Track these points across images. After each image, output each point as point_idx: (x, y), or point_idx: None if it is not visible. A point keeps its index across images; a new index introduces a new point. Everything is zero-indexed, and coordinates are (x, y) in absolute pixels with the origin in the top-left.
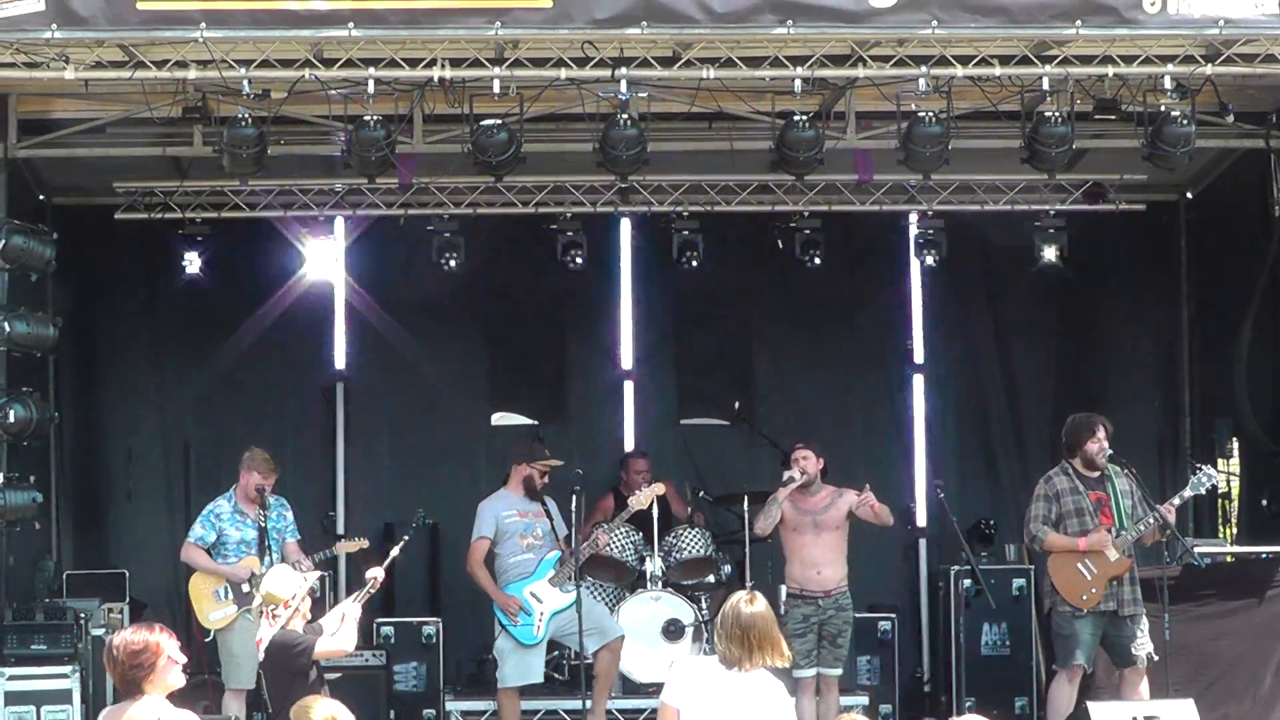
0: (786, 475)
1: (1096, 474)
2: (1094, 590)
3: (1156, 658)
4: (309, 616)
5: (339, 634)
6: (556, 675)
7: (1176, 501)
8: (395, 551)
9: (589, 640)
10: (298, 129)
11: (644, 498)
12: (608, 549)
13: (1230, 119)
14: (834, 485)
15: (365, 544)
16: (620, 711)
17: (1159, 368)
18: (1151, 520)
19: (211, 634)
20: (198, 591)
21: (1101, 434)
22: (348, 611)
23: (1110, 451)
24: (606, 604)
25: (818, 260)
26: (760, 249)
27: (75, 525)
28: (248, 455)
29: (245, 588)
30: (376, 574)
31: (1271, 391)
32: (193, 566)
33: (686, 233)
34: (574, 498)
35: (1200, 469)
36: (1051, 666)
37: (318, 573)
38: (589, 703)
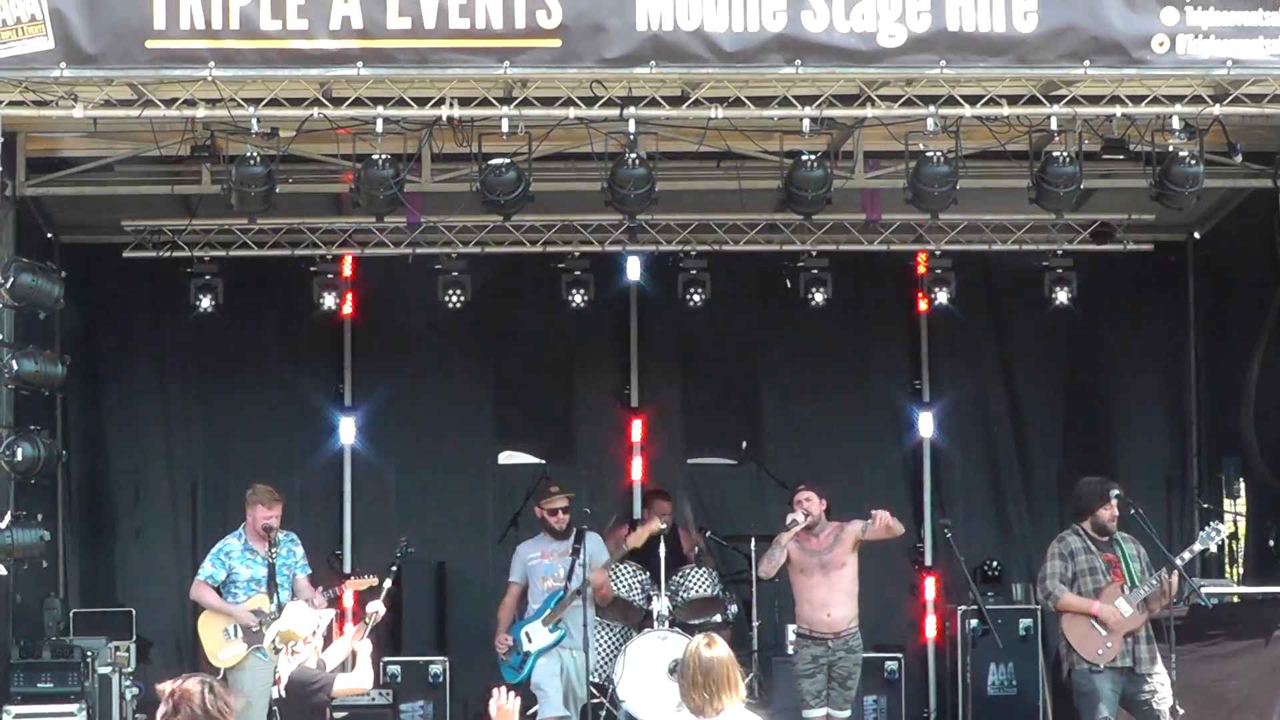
0: (790, 519)
1: (1106, 538)
2: (1109, 645)
3: (1182, 711)
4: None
5: (357, 671)
6: None
7: (1187, 556)
8: (388, 584)
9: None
10: (306, 167)
11: (636, 538)
12: (615, 589)
13: (1238, 159)
14: (837, 521)
15: (375, 581)
16: None
17: (1167, 406)
18: (1155, 582)
19: (222, 673)
20: (208, 630)
21: (1116, 504)
22: (359, 648)
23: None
24: (614, 644)
25: (825, 299)
26: (768, 288)
27: (82, 563)
28: (250, 492)
29: (255, 626)
30: (377, 607)
31: (1278, 431)
32: (202, 605)
33: (694, 271)
34: (579, 546)
35: (1210, 523)
36: None
37: (332, 610)
38: None
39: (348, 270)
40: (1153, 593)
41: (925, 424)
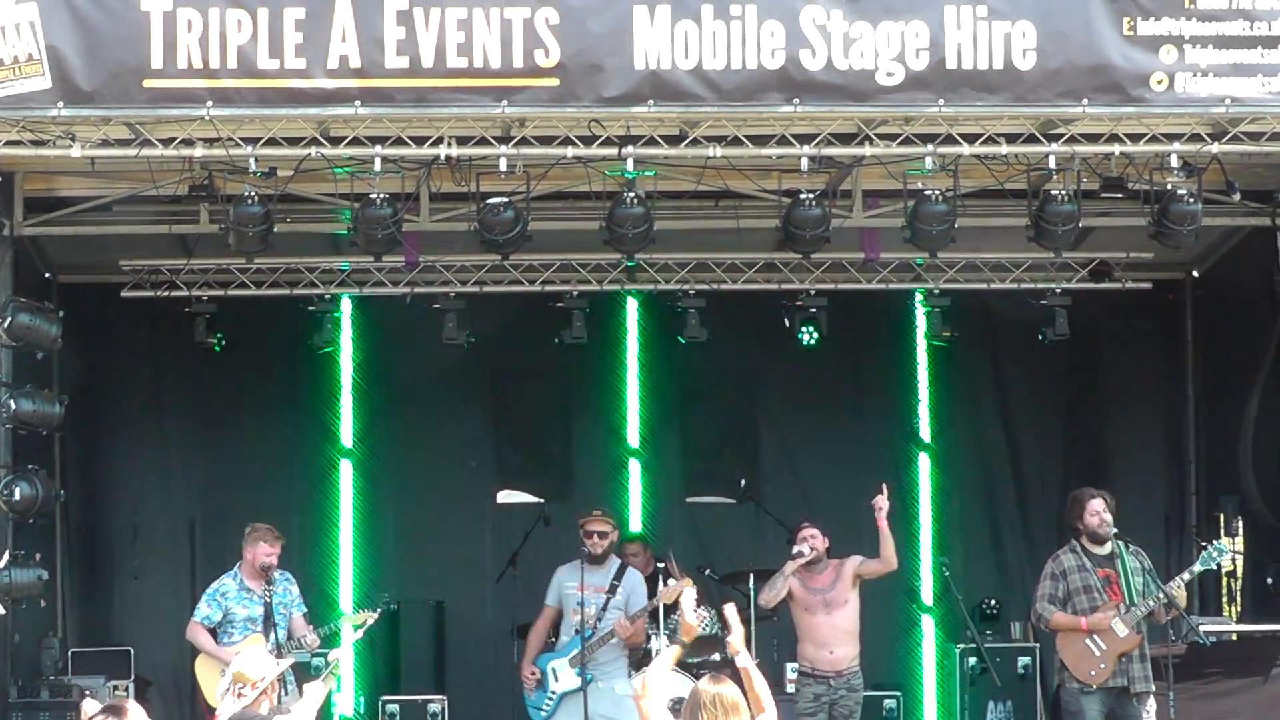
0: (795, 549)
1: (1106, 551)
2: (1103, 666)
3: None
4: (275, 702)
5: (295, 715)
6: None
7: (1186, 577)
8: (359, 634)
9: None
10: (304, 207)
11: (669, 594)
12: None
13: (1237, 197)
14: (836, 559)
15: (373, 617)
16: None
17: (1165, 445)
18: (1161, 596)
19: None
20: (205, 670)
21: (1098, 505)
22: (310, 692)
23: (1114, 528)
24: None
25: (824, 338)
26: (766, 327)
27: (81, 602)
28: (250, 531)
29: None
30: (337, 656)
31: (1277, 470)
32: (196, 647)
33: (692, 311)
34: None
35: (1211, 543)
36: None
37: (292, 659)
38: None
39: (346, 310)
40: (1154, 610)
41: (923, 462)
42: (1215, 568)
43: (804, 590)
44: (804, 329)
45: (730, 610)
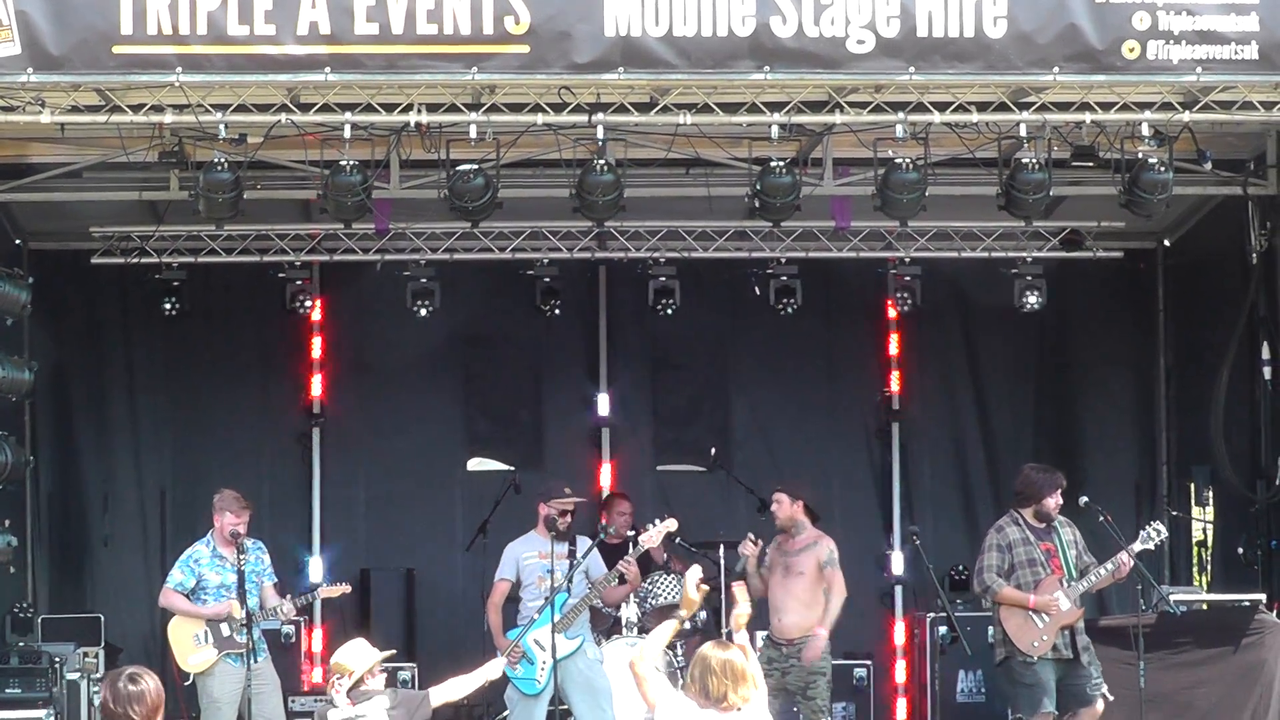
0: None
1: (1044, 525)
2: (1045, 638)
3: (1111, 698)
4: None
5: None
6: None
7: (1125, 558)
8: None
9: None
10: (274, 174)
11: (656, 534)
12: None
13: (1208, 166)
14: (821, 533)
15: (348, 589)
16: None
17: (1136, 414)
18: (1104, 571)
19: (191, 678)
20: (177, 636)
21: (1060, 494)
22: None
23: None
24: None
25: (795, 307)
26: (737, 295)
27: (51, 569)
28: (218, 498)
29: (225, 631)
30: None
31: (1248, 440)
32: (172, 611)
33: (663, 279)
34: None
35: (1150, 524)
36: (1015, 717)
37: (391, 651)
38: None
39: (316, 277)
40: (1097, 584)
41: (895, 431)
42: (1154, 548)
43: (777, 552)
44: (781, 298)
45: (740, 589)
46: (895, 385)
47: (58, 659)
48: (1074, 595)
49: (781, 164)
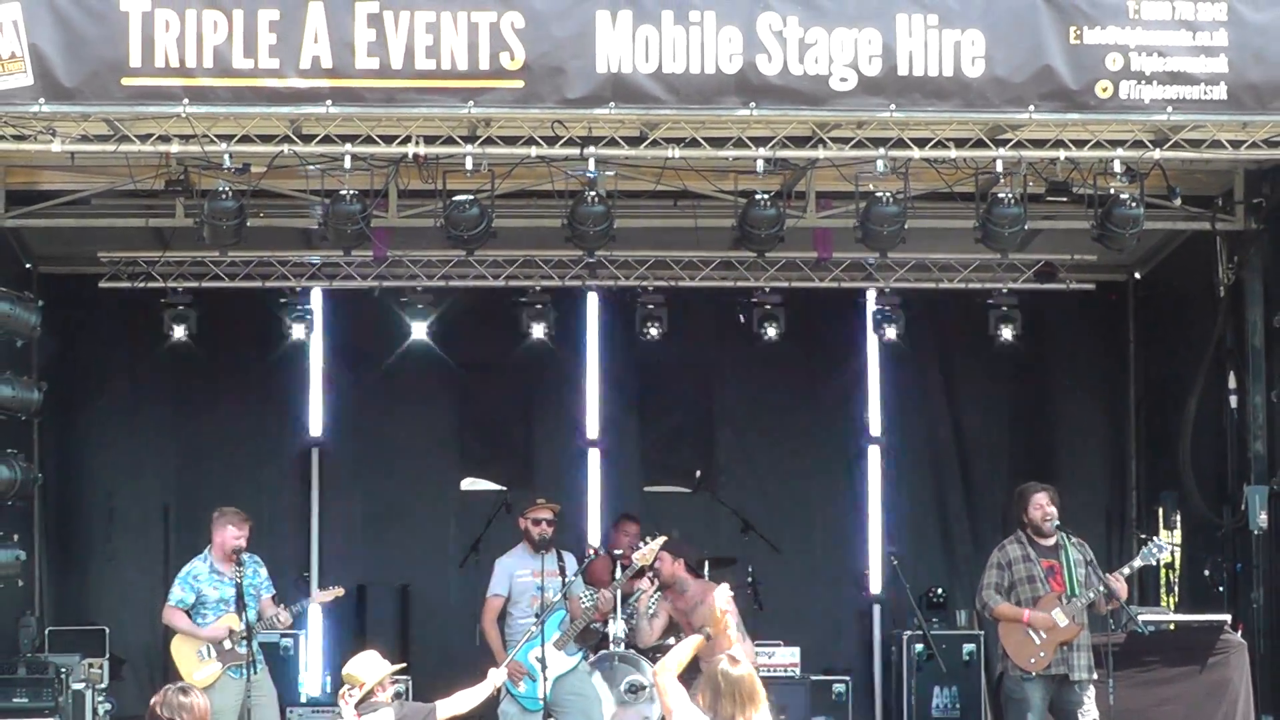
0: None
1: (1050, 543)
2: (1042, 654)
3: None
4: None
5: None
6: None
7: (1126, 571)
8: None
9: None
10: (276, 202)
11: (648, 553)
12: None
13: (1178, 202)
14: (706, 582)
15: (341, 592)
16: None
17: (1107, 442)
18: (1102, 589)
19: None
20: (181, 652)
21: (1042, 499)
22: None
23: (1058, 521)
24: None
25: (778, 335)
26: (722, 323)
27: (57, 582)
28: (218, 514)
29: (227, 644)
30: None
31: (1215, 467)
32: (173, 629)
33: (651, 307)
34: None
35: (1152, 540)
36: None
37: (403, 664)
38: None
39: (316, 302)
40: (1095, 600)
41: (874, 456)
42: (1155, 563)
43: (671, 608)
44: (765, 326)
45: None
46: (874, 411)
47: (63, 669)
48: (1072, 611)
49: (766, 197)
